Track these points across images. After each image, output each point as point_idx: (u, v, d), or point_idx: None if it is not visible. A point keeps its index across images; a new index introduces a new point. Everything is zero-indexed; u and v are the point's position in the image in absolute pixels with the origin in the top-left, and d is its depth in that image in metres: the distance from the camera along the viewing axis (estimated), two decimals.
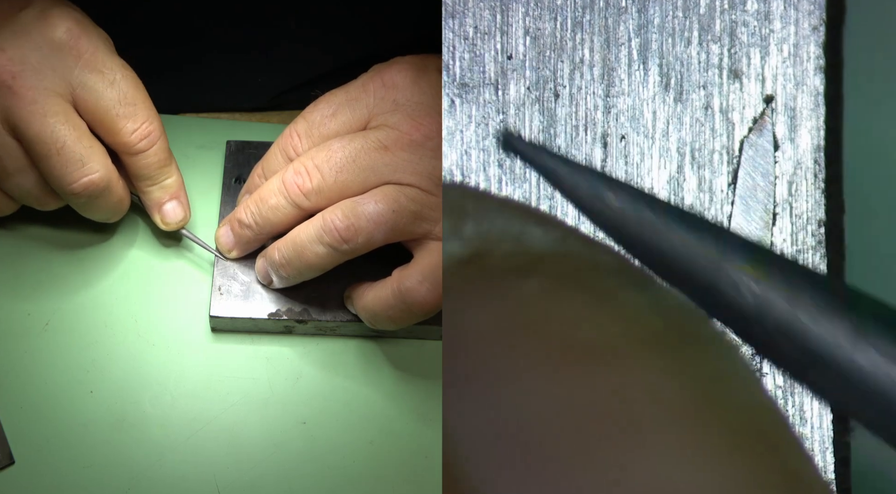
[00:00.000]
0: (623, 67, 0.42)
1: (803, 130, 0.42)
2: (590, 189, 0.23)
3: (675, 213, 0.23)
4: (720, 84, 0.42)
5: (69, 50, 0.46)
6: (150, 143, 0.48)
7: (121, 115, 0.47)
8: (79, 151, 0.45)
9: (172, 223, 0.50)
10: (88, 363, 0.48)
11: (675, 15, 0.42)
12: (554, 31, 0.42)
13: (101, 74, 0.46)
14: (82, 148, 0.46)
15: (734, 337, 0.22)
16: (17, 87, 0.45)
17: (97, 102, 0.46)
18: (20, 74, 0.45)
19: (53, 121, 0.45)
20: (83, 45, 0.46)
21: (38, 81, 0.45)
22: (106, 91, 0.46)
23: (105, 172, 0.46)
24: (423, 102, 0.47)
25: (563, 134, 0.41)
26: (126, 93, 0.47)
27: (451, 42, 0.42)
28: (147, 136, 0.47)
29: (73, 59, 0.46)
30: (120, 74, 0.47)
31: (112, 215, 0.49)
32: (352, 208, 0.45)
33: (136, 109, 0.47)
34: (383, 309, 0.46)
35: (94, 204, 0.47)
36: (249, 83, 0.58)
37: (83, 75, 0.46)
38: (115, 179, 0.47)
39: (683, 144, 0.41)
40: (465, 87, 0.41)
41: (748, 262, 0.22)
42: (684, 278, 0.23)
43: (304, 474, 0.46)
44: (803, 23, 0.42)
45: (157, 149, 0.48)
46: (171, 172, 0.50)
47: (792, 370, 0.22)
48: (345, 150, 0.46)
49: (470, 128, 0.40)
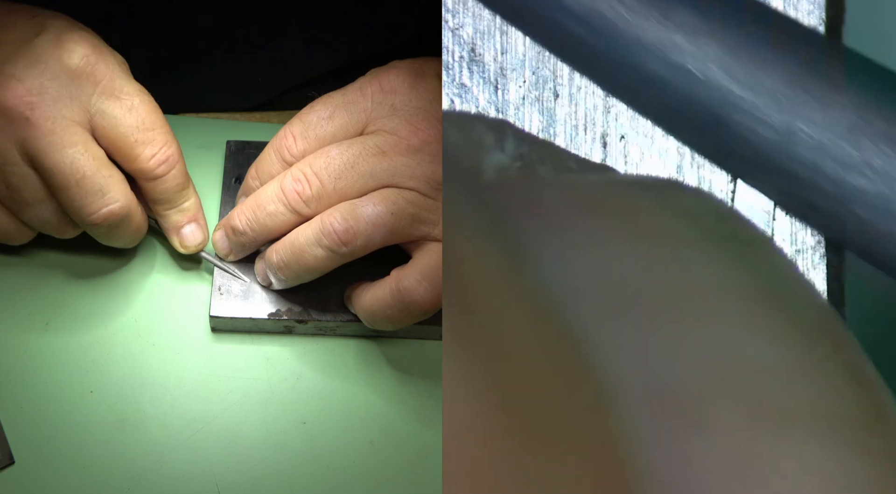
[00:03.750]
0: None
1: None
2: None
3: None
4: None
5: (86, 77, 0.45)
6: (168, 167, 0.47)
7: (139, 141, 0.46)
8: (99, 182, 0.45)
9: (191, 246, 0.50)
10: (88, 363, 0.48)
11: None
12: None
13: (119, 100, 0.46)
14: (102, 178, 0.45)
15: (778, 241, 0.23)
16: (34, 118, 0.44)
17: (115, 129, 0.46)
18: (38, 104, 0.44)
19: (72, 151, 0.44)
20: (100, 72, 0.46)
21: (57, 110, 0.45)
22: (124, 118, 0.46)
23: (125, 201, 0.46)
24: (420, 106, 0.47)
25: (562, 134, 0.41)
26: (144, 118, 0.46)
27: (451, 42, 0.42)
28: (165, 160, 0.47)
29: (91, 86, 0.46)
30: (138, 99, 0.46)
31: (131, 242, 0.49)
32: (350, 210, 0.45)
33: (154, 135, 0.47)
34: (381, 309, 0.46)
35: (114, 233, 0.47)
36: (249, 83, 0.58)
37: (101, 102, 0.46)
38: (135, 206, 0.47)
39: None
40: (464, 87, 0.41)
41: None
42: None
43: (304, 474, 0.46)
44: (803, 23, 0.42)
45: (176, 173, 0.48)
46: (189, 195, 0.49)
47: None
48: (343, 156, 0.46)
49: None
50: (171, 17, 0.55)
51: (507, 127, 0.24)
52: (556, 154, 0.24)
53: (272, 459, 0.47)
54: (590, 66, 0.25)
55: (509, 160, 0.23)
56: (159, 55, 0.55)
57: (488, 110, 0.40)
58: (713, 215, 0.22)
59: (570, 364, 0.19)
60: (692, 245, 0.20)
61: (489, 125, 0.24)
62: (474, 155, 0.23)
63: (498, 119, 0.24)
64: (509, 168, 0.23)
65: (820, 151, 0.23)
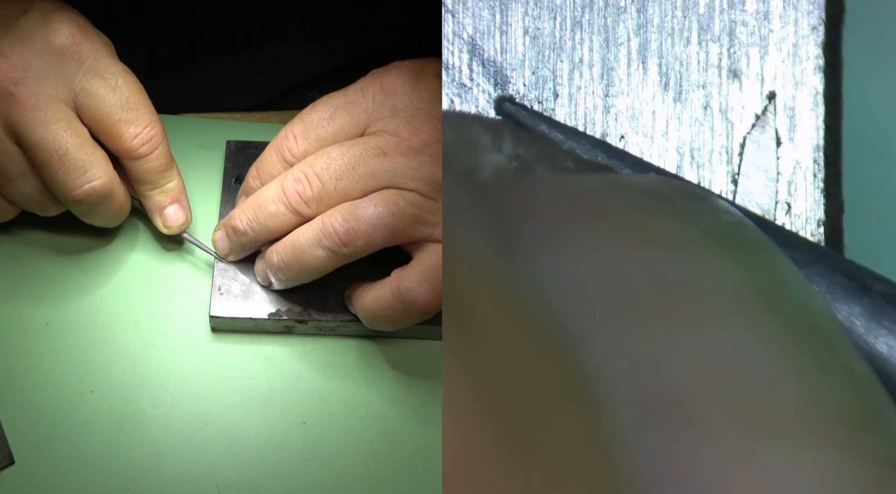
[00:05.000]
0: (622, 66, 0.42)
1: (802, 129, 0.42)
2: (586, 153, 0.24)
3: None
4: (719, 84, 0.42)
5: (71, 55, 0.46)
6: (151, 147, 0.48)
7: (123, 120, 0.47)
8: (81, 158, 0.45)
9: (174, 227, 0.50)
10: (88, 363, 0.48)
11: (674, 15, 0.42)
12: (553, 30, 0.42)
13: (104, 79, 0.46)
14: (84, 155, 0.45)
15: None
16: (19, 93, 0.45)
17: (99, 107, 0.46)
18: (23, 80, 0.45)
19: (56, 127, 0.45)
20: (85, 51, 0.46)
21: (41, 87, 0.45)
22: (108, 96, 0.46)
23: (107, 179, 0.46)
24: (421, 107, 0.47)
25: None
26: (128, 98, 0.47)
27: (451, 42, 0.42)
28: (149, 140, 0.47)
29: (76, 64, 0.46)
30: (122, 78, 0.47)
31: (113, 221, 0.49)
32: (351, 211, 0.45)
33: (137, 114, 0.47)
34: (382, 309, 0.46)
35: (95, 210, 0.47)
36: (249, 83, 0.58)
37: (85, 81, 0.46)
38: (117, 185, 0.47)
39: (682, 143, 0.41)
40: (464, 87, 0.41)
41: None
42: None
43: (304, 474, 0.46)
44: (802, 22, 0.42)
45: (159, 153, 0.48)
46: (172, 177, 0.50)
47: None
48: (344, 157, 0.46)
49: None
50: (171, 17, 0.55)
51: (505, 127, 0.24)
52: (555, 153, 0.24)
53: (272, 459, 0.47)
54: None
55: (506, 161, 0.23)
56: (159, 55, 0.55)
57: (488, 111, 0.40)
58: (711, 215, 0.22)
59: (565, 365, 0.19)
60: (689, 247, 0.20)
61: (487, 126, 0.24)
62: (472, 156, 0.23)
63: (496, 119, 0.24)
64: (506, 169, 0.23)
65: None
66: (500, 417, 0.19)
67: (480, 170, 0.23)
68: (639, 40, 0.41)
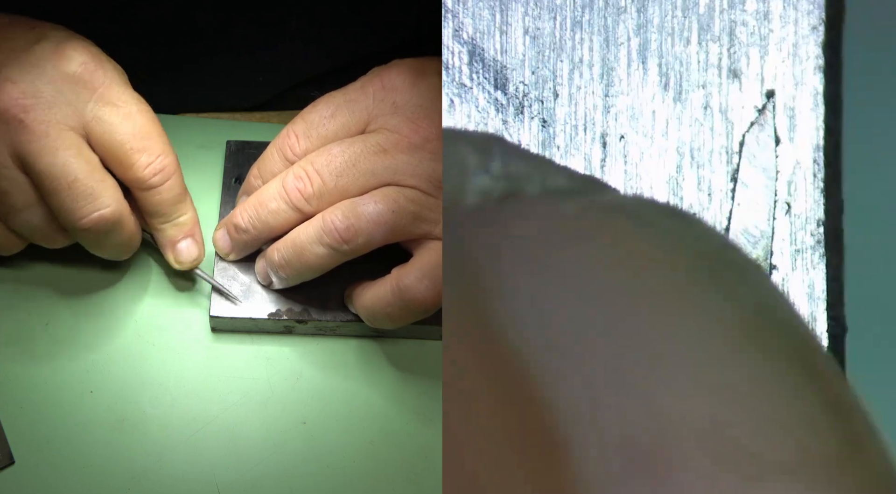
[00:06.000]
0: (622, 66, 0.42)
1: (802, 129, 0.42)
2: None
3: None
4: (719, 84, 0.42)
5: (84, 84, 0.45)
6: (164, 177, 0.46)
7: (135, 148, 0.45)
8: (90, 186, 0.44)
9: (186, 263, 0.49)
10: (88, 363, 0.48)
11: (674, 15, 0.42)
12: (553, 30, 0.42)
13: (116, 107, 0.45)
14: (94, 182, 0.44)
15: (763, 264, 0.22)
16: (28, 120, 0.44)
17: (111, 135, 0.45)
18: (33, 107, 0.44)
19: (65, 154, 0.44)
20: (98, 79, 0.45)
21: (51, 114, 0.44)
22: (121, 125, 0.45)
23: (117, 207, 0.45)
24: (422, 104, 0.47)
25: (562, 134, 0.41)
26: (141, 126, 0.46)
27: (451, 42, 0.42)
28: (161, 170, 0.46)
29: (88, 92, 0.45)
30: (135, 107, 0.46)
31: (122, 253, 0.48)
32: (352, 208, 0.45)
33: (150, 143, 0.46)
34: (382, 307, 0.46)
35: (104, 240, 0.46)
36: (249, 83, 0.58)
37: (97, 109, 0.45)
38: (127, 214, 0.46)
39: (682, 143, 0.41)
40: (464, 86, 0.41)
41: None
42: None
43: (304, 474, 0.46)
44: (802, 22, 0.42)
45: (172, 184, 0.47)
46: (186, 209, 0.48)
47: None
48: (345, 154, 0.46)
49: (469, 128, 0.40)
50: (171, 17, 0.55)
51: (494, 143, 0.23)
52: (547, 169, 0.23)
53: (272, 459, 0.47)
54: None
55: (493, 182, 0.23)
56: (159, 55, 0.55)
57: (488, 110, 0.40)
58: (695, 238, 0.21)
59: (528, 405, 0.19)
60: (672, 271, 0.20)
61: (475, 145, 0.23)
62: (458, 179, 0.23)
63: (486, 135, 0.24)
64: (492, 192, 0.23)
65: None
66: (501, 416, 0.19)
67: (466, 195, 0.23)
68: (639, 40, 0.41)
